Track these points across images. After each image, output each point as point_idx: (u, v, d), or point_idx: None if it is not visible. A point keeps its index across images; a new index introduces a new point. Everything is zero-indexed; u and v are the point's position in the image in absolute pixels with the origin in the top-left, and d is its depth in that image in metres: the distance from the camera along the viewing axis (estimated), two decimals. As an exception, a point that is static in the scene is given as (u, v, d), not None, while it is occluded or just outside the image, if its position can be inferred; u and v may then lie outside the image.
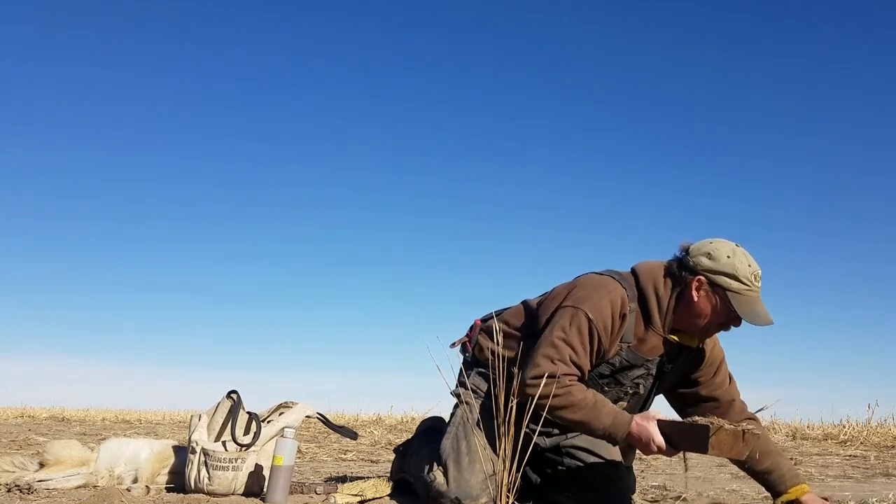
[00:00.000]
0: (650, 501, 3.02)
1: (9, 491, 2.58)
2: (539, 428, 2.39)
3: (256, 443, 2.65)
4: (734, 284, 2.33)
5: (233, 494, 2.61)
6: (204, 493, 2.61)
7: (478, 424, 2.50)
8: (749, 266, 2.35)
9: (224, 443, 2.65)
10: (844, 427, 7.10)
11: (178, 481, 2.73)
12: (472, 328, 2.79)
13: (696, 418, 2.27)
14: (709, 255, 2.37)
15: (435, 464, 2.48)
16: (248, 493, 2.62)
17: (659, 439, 2.26)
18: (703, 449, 2.18)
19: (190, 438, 2.69)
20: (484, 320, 2.78)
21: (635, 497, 3.06)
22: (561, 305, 2.44)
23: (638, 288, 2.46)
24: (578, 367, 2.36)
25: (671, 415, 2.55)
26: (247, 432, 2.69)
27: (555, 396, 2.27)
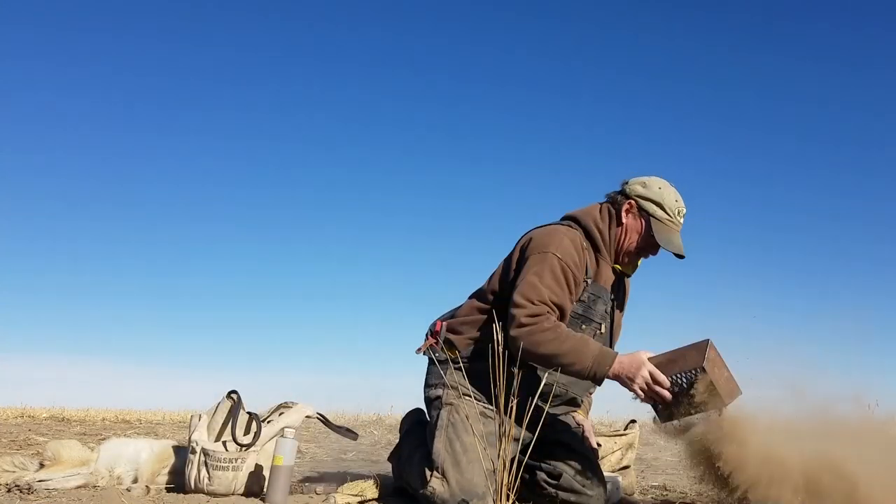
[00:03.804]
0: (650, 501, 3.02)
1: (9, 491, 2.58)
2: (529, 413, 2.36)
3: (256, 443, 2.65)
4: (658, 212, 2.54)
5: (233, 494, 2.61)
6: (204, 493, 2.61)
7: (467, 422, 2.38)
8: (676, 201, 2.56)
9: (224, 443, 2.65)
10: (844, 427, 7.07)
11: (178, 481, 2.73)
12: (433, 332, 2.70)
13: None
14: (643, 185, 2.59)
15: (431, 472, 2.34)
16: (248, 494, 2.62)
17: (650, 365, 2.24)
18: (699, 362, 2.16)
19: (190, 438, 2.69)
20: (444, 320, 2.73)
21: (636, 497, 3.06)
22: (525, 257, 2.48)
23: (580, 226, 2.60)
24: (558, 306, 2.39)
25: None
26: (247, 432, 2.69)
27: (542, 331, 2.28)
